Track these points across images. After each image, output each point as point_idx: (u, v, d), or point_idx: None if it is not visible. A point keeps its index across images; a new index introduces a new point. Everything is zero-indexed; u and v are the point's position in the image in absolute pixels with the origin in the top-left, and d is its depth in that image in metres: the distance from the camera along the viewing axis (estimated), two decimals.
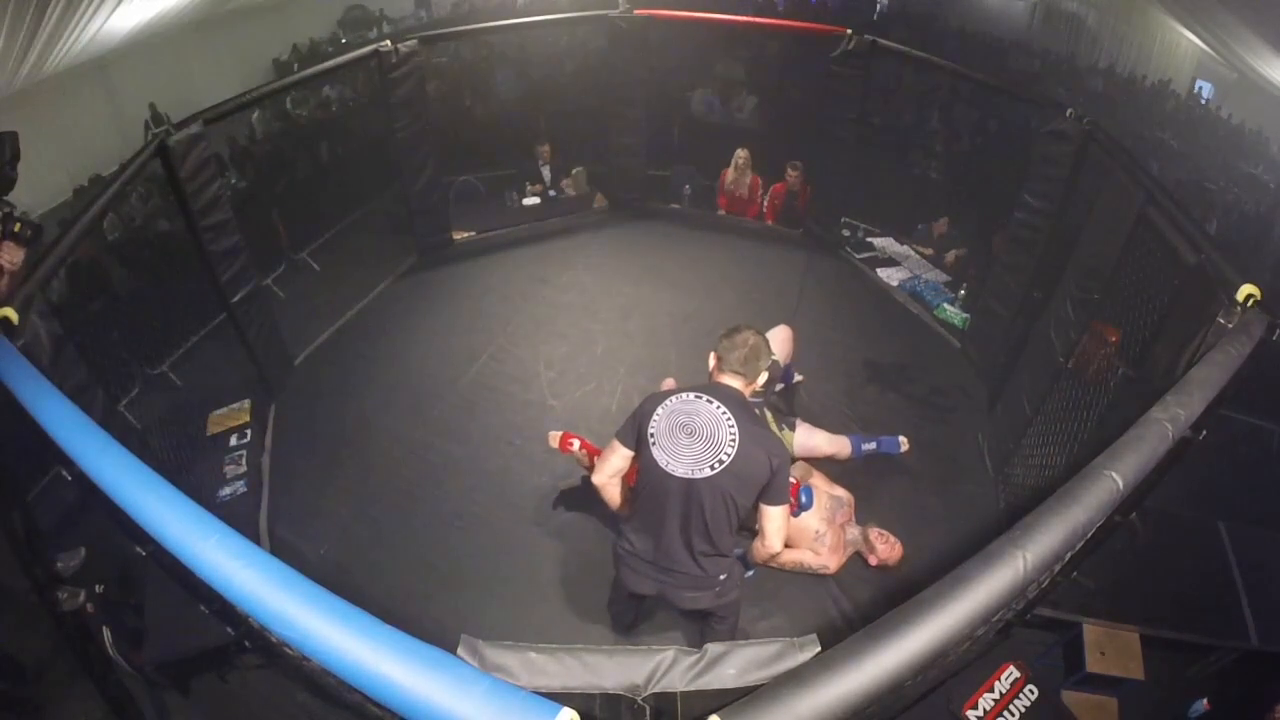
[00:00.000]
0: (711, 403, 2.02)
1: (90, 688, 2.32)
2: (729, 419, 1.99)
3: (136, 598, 2.88)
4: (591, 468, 2.94)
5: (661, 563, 2.11)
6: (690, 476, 1.96)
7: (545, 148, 5.75)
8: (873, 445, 3.34)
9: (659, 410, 2.04)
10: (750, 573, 2.44)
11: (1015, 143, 6.53)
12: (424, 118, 4.46)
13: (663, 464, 1.99)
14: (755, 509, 2.06)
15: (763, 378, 2.14)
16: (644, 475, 2.06)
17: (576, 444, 2.95)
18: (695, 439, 1.98)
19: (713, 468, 1.95)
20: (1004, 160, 5.97)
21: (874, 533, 2.95)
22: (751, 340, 2.09)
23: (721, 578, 2.15)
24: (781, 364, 3.39)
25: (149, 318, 4.37)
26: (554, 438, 2.97)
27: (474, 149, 6.31)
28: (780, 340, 3.36)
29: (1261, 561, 3.25)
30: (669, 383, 3.61)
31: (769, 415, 3.12)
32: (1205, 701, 2.79)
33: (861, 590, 2.90)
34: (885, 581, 2.92)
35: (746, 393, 2.12)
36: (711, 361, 2.17)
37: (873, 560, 2.95)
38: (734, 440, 1.96)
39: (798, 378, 3.75)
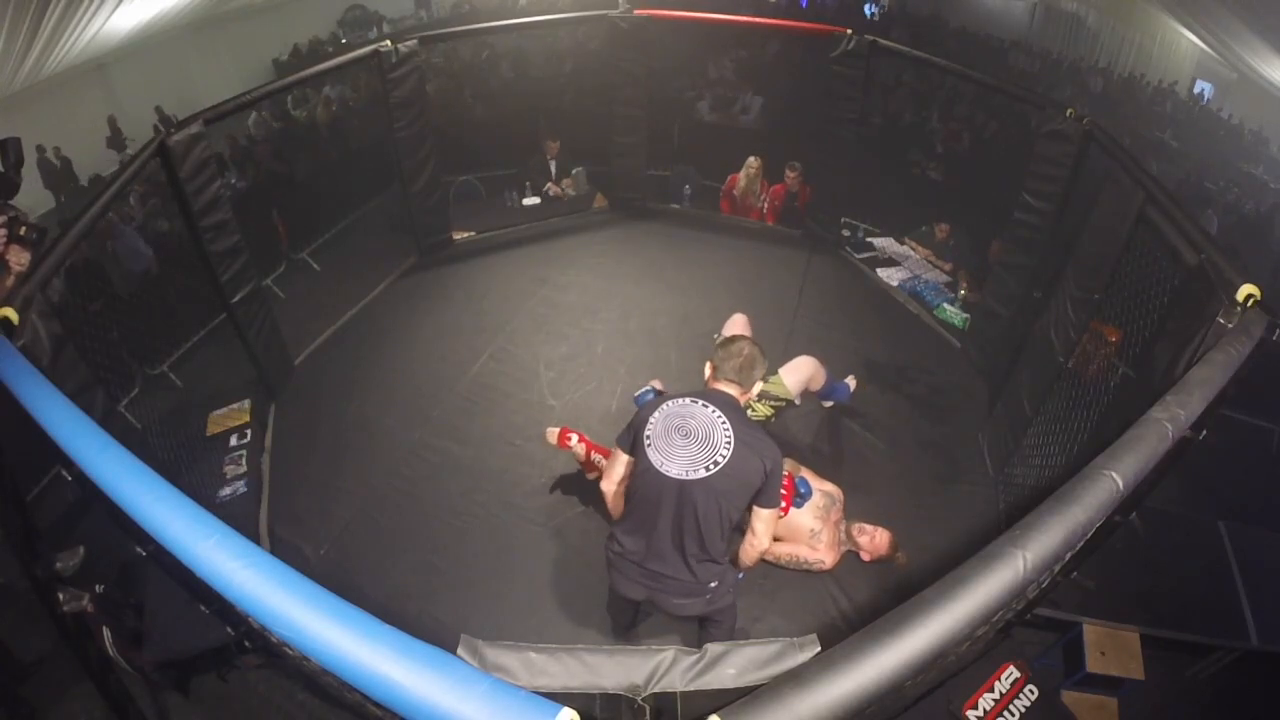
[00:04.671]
0: (707, 406, 2.05)
1: (90, 688, 2.32)
2: (724, 422, 2.01)
3: (136, 598, 2.88)
4: (588, 463, 2.95)
5: (652, 565, 2.09)
6: (684, 478, 1.97)
7: (555, 144, 5.75)
8: (834, 387, 3.44)
9: (655, 414, 2.07)
10: (740, 575, 2.44)
11: (1015, 143, 6.53)
12: (424, 118, 4.46)
13: (657, 464, 2.00)
14: (748, 511, 2.08)
15: (757, 387, 2.17)
16: (638, 477, 2.07)
17: (575, 438, 2.94)
18: (690, 440, 2.00)
19: (707, 469, 1.96)
20: (1004, 160, 5.97)
21: (854, 528, 2.94)
22: (747, 350, 2.13)
23: (712, 585, 2.13)
24: None
25: (149, 318, 4.37)
26: (552, 434, 2.97)
27: (474, 149, 6.31)
28: (739, 326, 3.35)
29: (1261, 561, 3.25)
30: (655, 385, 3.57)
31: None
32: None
33: (861, 590, 2.90)
34: (885, 581, 2.92)
35: (741, 400, 2.14)
36: (707, 370, 2.20)
37: (865, 556, 2.94)
38: (729, 443, 1.98)
39: None
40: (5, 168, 2.32)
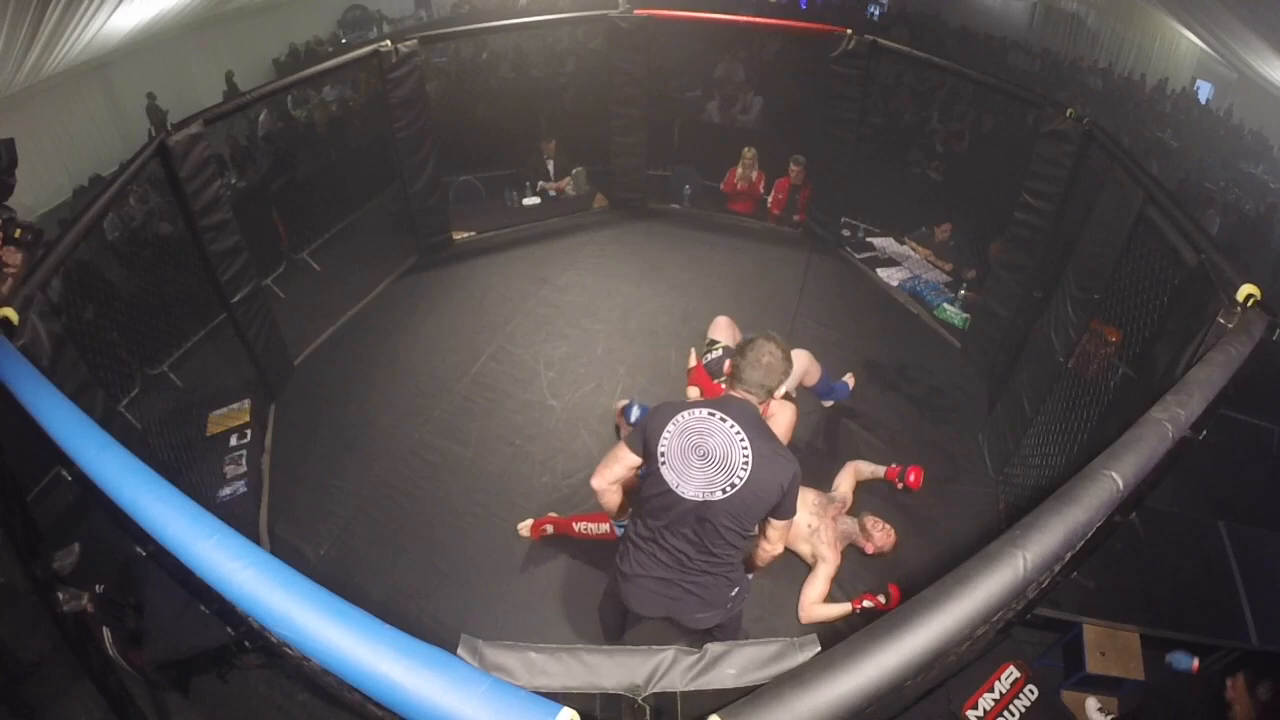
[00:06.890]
0: (725, 421, 1.97)
1: (90, 688, 2.32)
2: (743, 440, 1.95)
3: (136, 598, 2.88)
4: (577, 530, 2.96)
5: (673, 578, 2.10)
6: (701, 499, 1.95)
7: (551, 144, 5.77)
8: (832, 387, 3.50)
9: (670, 426, 1.99)
10: (749, 575, 2.47)
11: (1015, 143, 6.52)
12: (424, 118, 4.46)
13: (673, 485, 1.96)
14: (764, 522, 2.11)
15: (781, 390, 2.09)
16: (655, 497, 2.04)
17: (550, 530, 2.99)
18: (708, 462, 1.95)
19: (724, 491, 1.93)
20: (1004, 160, 5.96)
21: (869, 520, 2.96)
22: (766, 359, 2.01)
23: (733, 594, 2.16)
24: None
25: (149, 318, 4.37)
26: (524, 527, 3.02)
27: (474, 149, 6.30)
28: (723, 328, 3.34)
29: (1261, 561, 3.25)
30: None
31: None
32: (1195, 662, 2.74)
33: (861, 590, 2.90)
34: (886, 581, 2.92)
35: (764, 412, 2.08)
36: (726, 366, 2.09)
37: (869, 549, 2.94)
38: (746, 464, 1.93)
39: None
40: None
